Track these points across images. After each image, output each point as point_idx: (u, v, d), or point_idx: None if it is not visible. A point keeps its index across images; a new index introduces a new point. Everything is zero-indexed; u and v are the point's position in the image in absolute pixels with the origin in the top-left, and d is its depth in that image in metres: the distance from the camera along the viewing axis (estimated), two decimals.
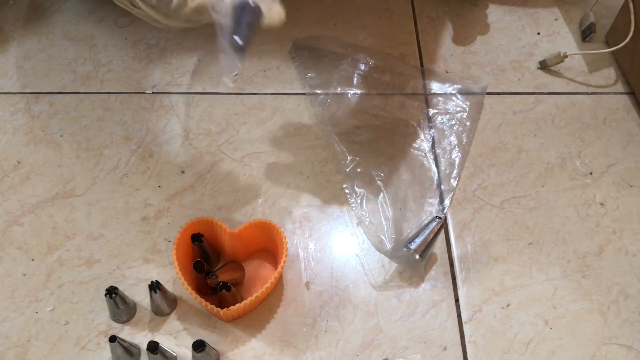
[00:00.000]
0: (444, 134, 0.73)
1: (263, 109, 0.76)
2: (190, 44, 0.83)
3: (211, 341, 0.57)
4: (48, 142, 0.72)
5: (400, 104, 0.75)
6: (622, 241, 0.64)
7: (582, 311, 0.59)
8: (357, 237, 0.64)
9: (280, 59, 0.81)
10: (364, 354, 0.56)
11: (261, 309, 0.59)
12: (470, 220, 0.65)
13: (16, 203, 0.67)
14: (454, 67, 0.80)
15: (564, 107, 0.76)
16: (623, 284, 0.61)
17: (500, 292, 0.60)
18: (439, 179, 0.68)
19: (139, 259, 0.62)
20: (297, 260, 0.62)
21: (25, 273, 0.61)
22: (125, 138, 0.72)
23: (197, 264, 0.56)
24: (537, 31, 0.85)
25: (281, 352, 0.56)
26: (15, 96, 0.77)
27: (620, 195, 0.68)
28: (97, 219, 0.65)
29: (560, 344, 0.57)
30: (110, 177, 0.69)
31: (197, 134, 0.73)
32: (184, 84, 0.78)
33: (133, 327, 0.58)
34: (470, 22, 0.86)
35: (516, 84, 0.79)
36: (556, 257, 0.63)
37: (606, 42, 0.84)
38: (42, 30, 0.85)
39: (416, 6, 0.88)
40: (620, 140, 0.73)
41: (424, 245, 0.60)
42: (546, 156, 0.71)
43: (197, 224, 0.59)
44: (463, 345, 0.57)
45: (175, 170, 0.69)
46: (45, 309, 0.59)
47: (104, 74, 0.79)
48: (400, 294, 0.60)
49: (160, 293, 0.56)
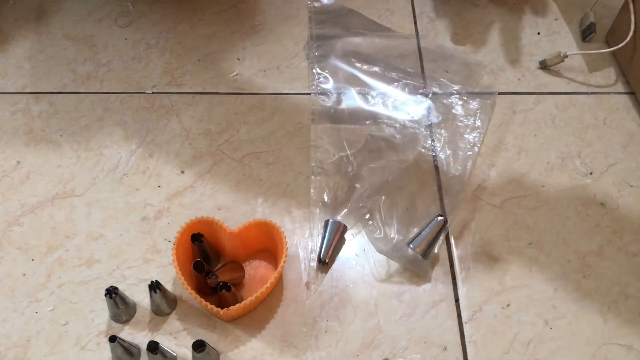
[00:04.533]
0: (453, 133, 0.72)
1: (263, 109, 0.76)
2: (190, 44, 0.83)
3: (211, 341, 0.57)
4: (48, 142, 0.72)
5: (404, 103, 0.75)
6: (622, 241, 0.64)
7: (582, 311, 0.59)
8: (358, 237, 0.64)
9: (280, 59, 0.81)
10: (364, 354, 0.56)
11: (261, 309, 0.59)
12: (471, 220, 0.65)
13: (16, 203, 0.67)
14: (454, 67, 0.80)
15: (564, 107, 0.76)
16: (623, 284, 0.61)
17: (500, 292, 0.60)
18: (447, 179, 0.68)
19: (139, 259, 0.62)
20: (297, 260, 0.62)
21: (25, 273, 0.61)
22: (125, 138, 0.72)
23: (197, 264, 0.56)
24: (537, 31, 0.85)
25: (281, 352, 0.56)
26: (15, 96, 0.77)
27: (620, 195, 0.68)
28: (97, 219, 0.65)
29: (560, 344, 0.57)
30: (110, 177, 0.69)
31: (197, 134, 0.73)
32: (184, 84, 0.78)
33: (133, 327, 0.58)
34: (470, 22, 0.86)
35: (516, 84, 0.79)
36: (556, 257, 0.63)
37: (606, 42, 0.84)
38: (42, 30, 0.85)
39: (416, 6, 0.88)
40: (620, 140, 0.73)
41: (427, 245, 0.60)
42: (546, 156, 0.71)
43: (197, 224, 0.59)
44: (463, 345, 0.57)
45: (175, 170, 0.69)
46: (45, 309, 0.59)
47: (104, 74, 0.79)
48: (401, 294, 0.60)
49: (160, 293, 0.56)
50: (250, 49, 0.82)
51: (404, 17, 0.87)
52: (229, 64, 0.81)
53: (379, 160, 0.70)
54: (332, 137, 0.72)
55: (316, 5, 0.87)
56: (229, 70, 0.80)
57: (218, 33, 0.84)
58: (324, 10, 0.86)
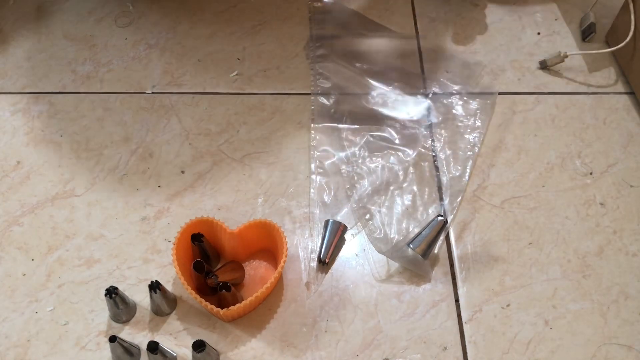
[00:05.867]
0: (453, 134, 0.72)
1: (263, 109, 0.76)
2: (190, 43, 0.83)
3: (211, 341, 0.57)
4: (48, 142, 0.72)
5: (404, 103, 0.75)
6: (622, 241, 0.64)
7: (582, 311, 0.59)
8: (358, 237, 0.64)
9: (280, 59, 0.81)
10: (364, 354, 0.56)
11: (261, 309, 0.59)
12: (471, 220, 0.65)
13: (16, 203, 0.67)
14: (454, 67, 0.80)
15: (564, 107, 0.76)
16: (623, 284, 0.61)
17: (500, 292, 0.60)
18: (447, 180, 0.68)
19: (139, 259, 0.62)
20: (297, 260, 0.62)
21: (25, 273, 0.61)
22: (125, 138, 0.72)
23: (197, 264, 0.56)
24: (537, 31, 0.85)
25: (281, 352, 0.56)
26: (15, 96, 0.77)
27: (620, 195, 0.68)
28: (97, 219, 0.65)
29: (560, 344, 0.57)
30: (110, 177, 0.69)
31: (197, 134, 0.73)
32: (184, 84, 0.78)
33: (133, 327, 0.58)
34: (471, 22, 0.86)
35: (516, 84, 0.79)
36: (556, 257, 0.63)
37: (606, 42, 0.84)
38: (42, 30, 0.85)
39: (416, 6, 0.88)
40: (620, 140, 0.73)
41: (427, 245, 0.60)
42: (546, 156, 0.71)
43: (197, 224, 0.59)
44: (463, 345, 0.57)
45: (175, 170, 0.69)
46: (45, 309, 0.59)
47: (104, 74, 0.79)
48: (401, 294, 0.60)
49: (160, 293, 0.56)
50: (250, 49, 0.82)
51: (404, 17, 0.87)
52: (229, 64, 0.81)
53: (379, 160, 0.70)
54: (332, 137, 0.72)
55: (316, 5, 0.87)
56: (229, 70, 0.80)
57: (218, 33, 0.84)
58: (324, 10, 0.87)
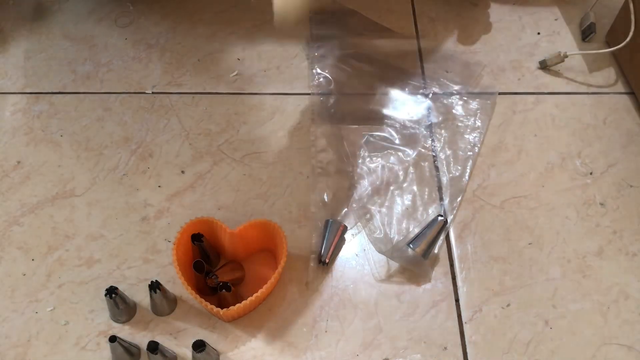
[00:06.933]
0: (453, 134, 0.72)
1: (263, 109, 0.76)
2: (190, 43, 0.83)
3: (211, 341, 0.57)
4: (48, 142, 0.72)
5: (404, 103, 0.75)
6: (622, 241, 0.64)
7: (582, 311, 0.59)
8: (358, 237, 0.64)
9: (280, 59, 0.81)
10: (364, 354, 0.56)
11: (261, 309, 0.59)
12: (471, 220, 0.65)
13: (16, 203, 0.67)
14: (454, 67, 0.80)
15: (564, 107, 0.76)
16: (623, 284, 0.61)
17: (500, 292, 0.60)
18: (447, 180, 0.68)
19: (139, 259, 0.62)
20: (297, 260, 0.62)
21: (25, 273, 0.61)
22: (125, 138, 0.72)
23: (197, 264, 0.56)
24: (537, 31, 0.85)
25: (281, 352, 0.56)
26: (15, 96, 0.77)
27: (620, 195, 0.68)
28: (97, 219, 0.65)
29: (560, 344, 0.57)
30: (110, 177, 0.69)
31: (197, 134, 0.73)
32: (184, 84, 0.78)
33: (133, 327, 0.58)
34: (471, 22, 0.86)
35: (516, 84, 0.79)
36: (556, 257, 0.63)
37: (606, 42, 0.84)
38: (42, 30, 0.85)
39: (416, 6, 0.88)
40: (620, 140, 0.73)
41: (427, 245, 0.60)
42: (546, 156, 0.71)
43: (197, 224, 0.59)
44: (463, 345, 0.57)
45: (175, 170, 0.69)
46: (45, 309, 0.59)
47: (104, 74, 0.79)
48: (401, 294, 0.60)
49: (160, 293, 0.56)
50: (250, 49, 0.82)
51: (404, 17, 0.87)
52: (229, 64, 0.81)
53: (379, 160, 0.70)
54: (332, 137, 0.72)
55: (316, 6, 0.87)
56: (229, 70, 0.80)
57: (218, 33, 0.84)
58: (324, 10, 0.86)
